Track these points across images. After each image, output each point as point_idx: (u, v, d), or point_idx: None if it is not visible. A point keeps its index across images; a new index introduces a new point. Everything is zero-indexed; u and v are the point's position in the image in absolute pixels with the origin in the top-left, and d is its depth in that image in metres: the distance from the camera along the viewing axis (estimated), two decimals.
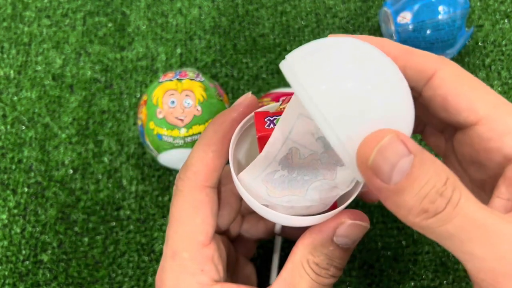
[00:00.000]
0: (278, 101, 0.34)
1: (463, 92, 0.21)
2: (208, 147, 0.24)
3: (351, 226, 0.23)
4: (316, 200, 0.23)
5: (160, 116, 0.34)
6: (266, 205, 0.23)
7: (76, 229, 0.38)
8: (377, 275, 0.36)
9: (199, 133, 0.34)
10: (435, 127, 0.26)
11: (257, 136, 0.23)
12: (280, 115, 0.22)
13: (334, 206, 0.24)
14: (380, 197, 0.18)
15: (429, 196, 0.17)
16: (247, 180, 0.23)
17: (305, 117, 0.21)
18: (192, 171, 0.24)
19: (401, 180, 0.17)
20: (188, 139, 0.34)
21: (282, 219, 0.23)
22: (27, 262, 0.37)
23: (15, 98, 0.43)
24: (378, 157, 0.17)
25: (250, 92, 0.26)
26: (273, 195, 0.23)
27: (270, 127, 0.23)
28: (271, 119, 0.23)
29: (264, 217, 0.23)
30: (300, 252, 0.23)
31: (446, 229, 0.17)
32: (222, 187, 0.27)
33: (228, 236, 0.29)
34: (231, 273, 0.28)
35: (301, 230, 0.24)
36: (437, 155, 0.23)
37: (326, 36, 0.44)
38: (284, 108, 0.23)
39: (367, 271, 0.36)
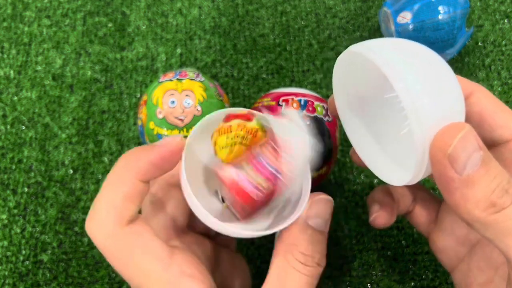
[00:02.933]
0: (278, 100, 0.34)
1: (498, 111, 0.23)
2: (118, 187, 0.22)
3: (318, 204, 0.23)
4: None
5: (160, 116, 0.34)
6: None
7: (76, 229, 0.38)
8: (377, 275, 0.36)
9: None
10: None
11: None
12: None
13: None
14: (448, 189, 0.19)
15: (497, 191, 0.18)
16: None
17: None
18: (99, 218, 0.22)
19: (473, 172, 0.18)
20: None
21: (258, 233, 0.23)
22: (27, 262, 0.37)
23: (15, 98, 0.43)
24: (458, 146, 0.18)
25: (181, 136, 0.24)
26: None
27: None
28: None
29: (235, 236, 0.23)
30: (284, 247, 0.23)
31: (509, 225, 0.18)
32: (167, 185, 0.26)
33: (207, 234, 0.29)
34: (213, 269, 0.27)
35: None
36: None
37: (326, 36, 0.44)
38: (241, 135, 0.23)
39: (367, 271, 0.36)
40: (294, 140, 0.22)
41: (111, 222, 0.21)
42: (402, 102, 0.19)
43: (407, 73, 0.19)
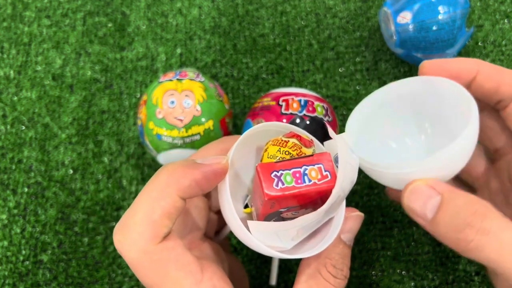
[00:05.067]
0: (278, 100, 0.34)
1: (503, 75, 0.25)
2: (158, 203, 0.21)
3: (353, 219, 0.24)
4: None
5: (160, 116, 0.34)
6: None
7: (76, 229, 0.38)
8: (377, 275, 0.36)
9: (198, 133, 0.34)
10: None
11: (265, 199, 0.21)
12: (287, 168, 0.21)
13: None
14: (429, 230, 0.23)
15: (458, 227, 0.21)
16: (257, 232, 0.22)
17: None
18: (136, 232, 0.21)
19: (433, 215, 0.22)
20: (187, 140, 0.34)
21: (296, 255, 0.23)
22: (27, 262, 0.37)
23: (15, 98, 0.43)
24: (407, 201, 0.23)
25: (226, 158, 0.22)
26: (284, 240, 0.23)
27: (279, 186, 0.21)
28: (278, 174, 0.21)
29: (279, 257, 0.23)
30: (316, 258, 0.23)
31: (486, 255, 0.20)
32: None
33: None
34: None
35: None
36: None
37: (326, 36, 0.44)
38: (292, 154, 0.22)
39: (367, 271, 0.36)
40: (343, 171, 0.21)
41: (146, 238, 0.21)
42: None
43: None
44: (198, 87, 0.35)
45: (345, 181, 0.21)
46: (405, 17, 0.37)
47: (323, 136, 0.33)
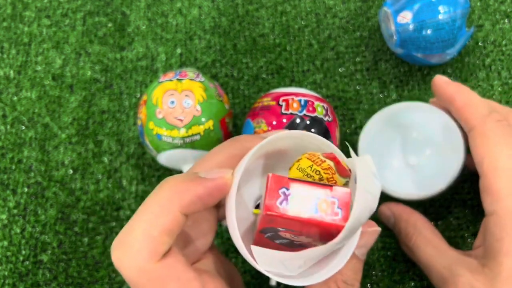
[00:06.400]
0: (278, 100, 0.34)
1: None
2: (159, 219, 0.20)
3: (369, 234, 0.24)
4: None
5: (160, 116, 0.34)
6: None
7: (76, 229, 0.38)
8: (377, 275, 0.36)
9: (198, 133, 0.34)
10: None
11: (263, 212, 0.19)
12: (301, 184, 0.19)
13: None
14: None
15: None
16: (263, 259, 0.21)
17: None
18: (135, 249, 0.20)
19: None
20: (187, 140, 0.34)
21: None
22: (27, 262, 0.37)
23: (15, 98, 0.43)
24: None
25: (231, 172, 0.21)
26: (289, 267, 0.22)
27: (282, 206, 0.19)
28: (287, 193, 0.19)
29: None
30: None
31: None
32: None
33: None
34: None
35: None
36: None
37: (326, 36, 0.44)
38: (322, 177, 0.20)
39: (367, 271, 0.36)
40: (362, 201, 0.19)
41: (145, 256, 0.20)
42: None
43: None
44: (198, 87, 0.35)
45: (362, 212, 0.20)
46: (405, 17, 0.37)
47: (322, 136, 0.33)
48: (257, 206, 0.24)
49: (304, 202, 0.19)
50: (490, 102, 0.32)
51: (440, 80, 0.32)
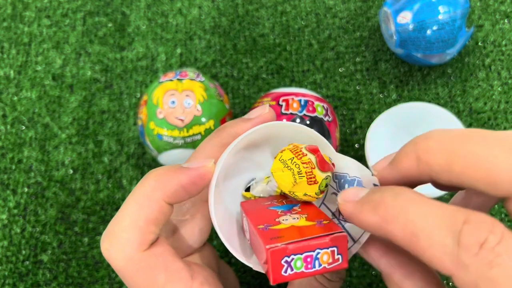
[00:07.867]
0: (278, 100, 0.34)
1: None
2: (144, 209, 0.21)
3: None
4: None
5: (161, 116, 0.34)
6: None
7: (76, 229, 0.38)
8: (377, 275, 0.36)
9: (199, 133, 0.34)
10: None
11: (271, 282, 0.20)
12: (299, 252, 0.19)
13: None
14: None
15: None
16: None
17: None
18: (123, 239, 0.21)
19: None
20: (188, 139, 0.34)
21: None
22: (27, 262, 0.37)
23: (15, 98, 0.43)
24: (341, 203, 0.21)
25: (213, 161, 0.22)
26: None
27: (287, 273, 0.19)
28: (289, 260, 0.19)
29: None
30: None
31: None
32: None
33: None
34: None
35: None
36: None
37: (326, 36, 0.44)
38: (301, 170, 0.21)
39: (367, 271, 0.36)
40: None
41: (132, 246, 0.20)
42: None
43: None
44: (198, 87, 0.35)
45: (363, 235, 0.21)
46: (405, 17, 0.37)
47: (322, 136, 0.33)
48: (248, 189, 0.25)
49: (307, 262, 0.20)
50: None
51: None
